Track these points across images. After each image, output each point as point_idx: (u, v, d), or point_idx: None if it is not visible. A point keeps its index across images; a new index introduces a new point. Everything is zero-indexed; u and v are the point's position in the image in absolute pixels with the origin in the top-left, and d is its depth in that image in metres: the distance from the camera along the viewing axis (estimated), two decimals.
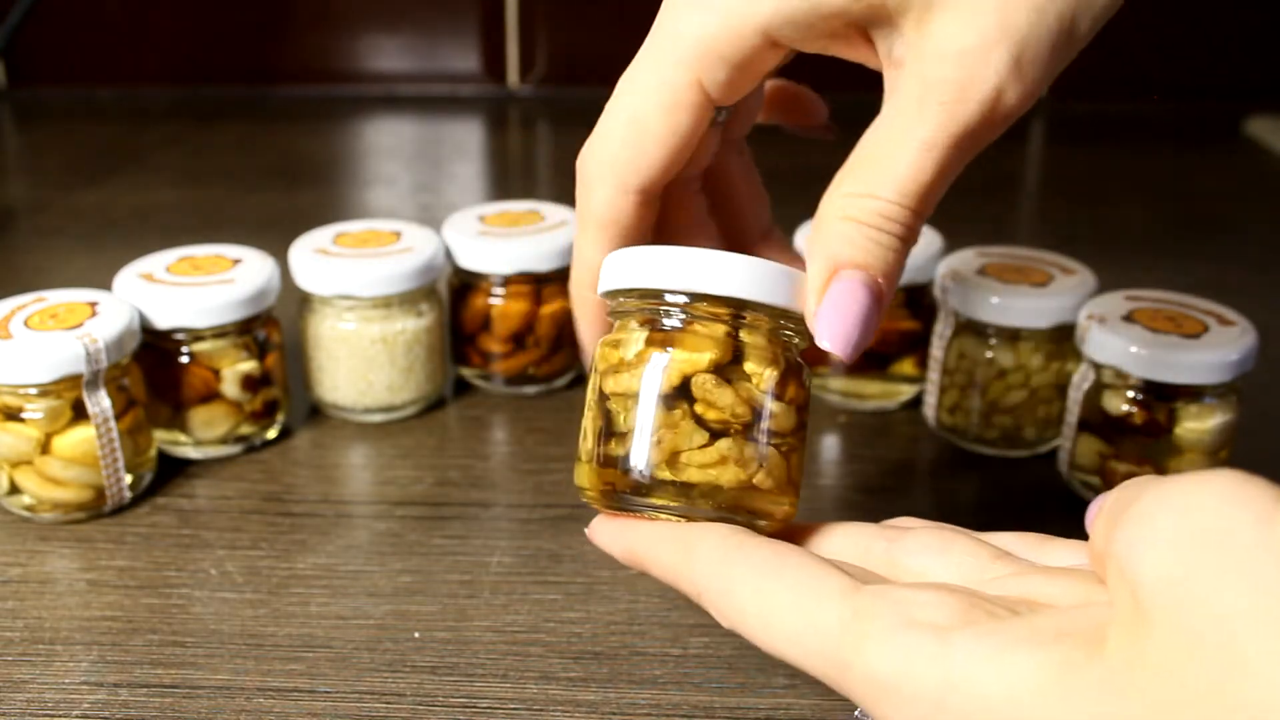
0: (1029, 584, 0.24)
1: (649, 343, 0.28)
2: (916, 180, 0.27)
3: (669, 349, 0.27)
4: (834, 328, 0.27)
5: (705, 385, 0.27)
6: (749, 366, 0.27)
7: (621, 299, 0.29)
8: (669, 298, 0.28)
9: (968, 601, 0.22)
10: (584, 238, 0.32)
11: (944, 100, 0.26)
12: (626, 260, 0.29)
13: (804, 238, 0.50)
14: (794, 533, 0.29)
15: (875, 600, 0.23)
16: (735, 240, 0.36)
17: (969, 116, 0.26)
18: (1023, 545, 0.27)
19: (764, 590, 0.24)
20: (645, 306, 0.28)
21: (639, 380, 0.28)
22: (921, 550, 0.27)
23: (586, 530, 0.29)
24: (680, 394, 0.27)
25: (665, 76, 0.28)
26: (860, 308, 0.27)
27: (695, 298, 0.28)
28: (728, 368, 0.27)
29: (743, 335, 0.28)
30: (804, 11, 0.27)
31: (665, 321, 0.28)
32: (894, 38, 0.27)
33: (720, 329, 0.28)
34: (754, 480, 0.27)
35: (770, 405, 0.27)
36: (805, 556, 0.25)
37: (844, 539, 0.28)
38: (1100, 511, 0.23)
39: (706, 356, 0.27)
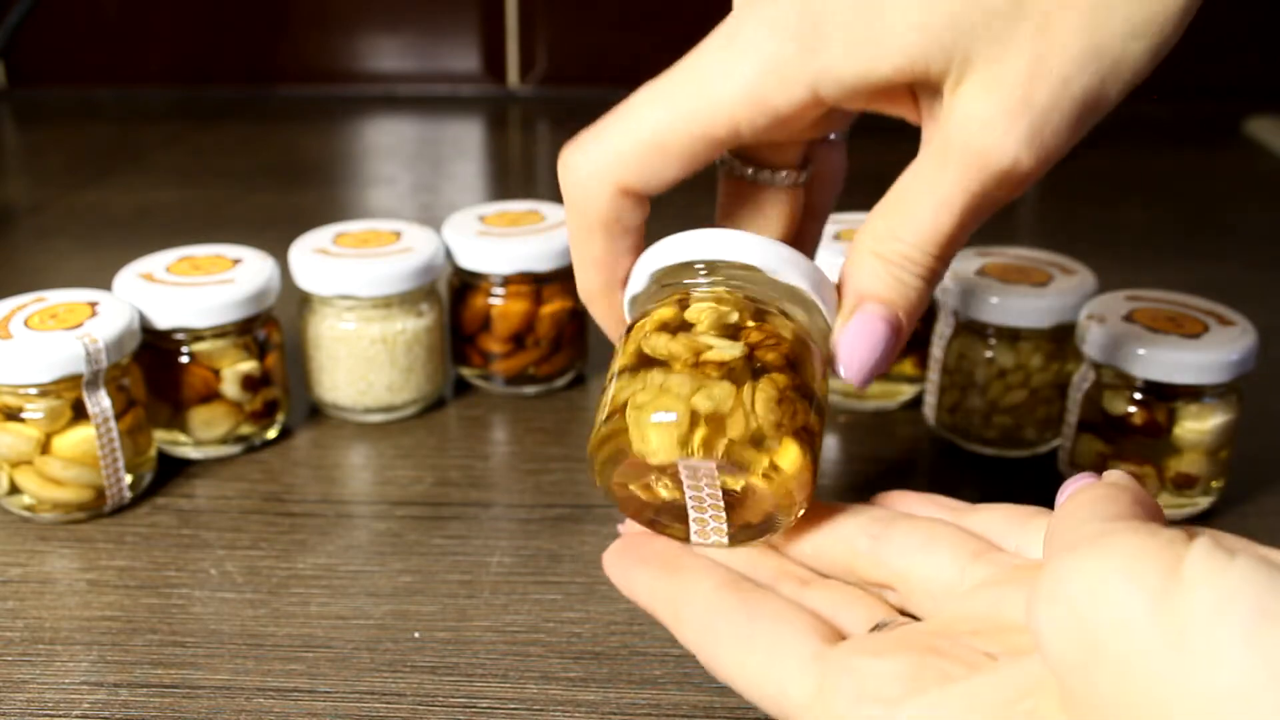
0: (998, 599, 0.26)
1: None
2: (935, 232, 0.29)
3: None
4: (853, 357, 0.30)
5: (647, 337, 0.29)
6: (688, 314, 0.29)
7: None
8: (651, 287, 0.31)
9: (920, 664, 0.24)
10: (588, 240, 0.31)
11: (965, 165, 0.28)
12: (635, 269, 0.32)
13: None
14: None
15: (836, 673, 0.25)
16: None
17: (986, 181, 0.28)
18: (1005, 524, 0.29)
19: (741, 660, 0.27)
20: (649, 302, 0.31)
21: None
22: (905, 549, 0.28)
23: (603, 556, 0.31)
24: (644, 361, 0.29)
25: (701, 108, 0.28)
26: (878, 339, 0.29)
27: (663, 278, 0.31)
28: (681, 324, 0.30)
29: (694, 295, 0.30)
30: (854, 75, 0.27)
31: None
32: (934, 98, 0.29)
33: (675, 296, 0.30)
34: (696, 406, 0.27)
35: (712, 342, 0.29)
36: (780, 615, 0.27)
37: (832, 531, 0.30)
38: (1047, 532, 0.24)
39: (653, 316, 0.30)
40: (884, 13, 0.27)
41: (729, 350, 0.28)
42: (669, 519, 0.30)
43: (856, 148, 0.36)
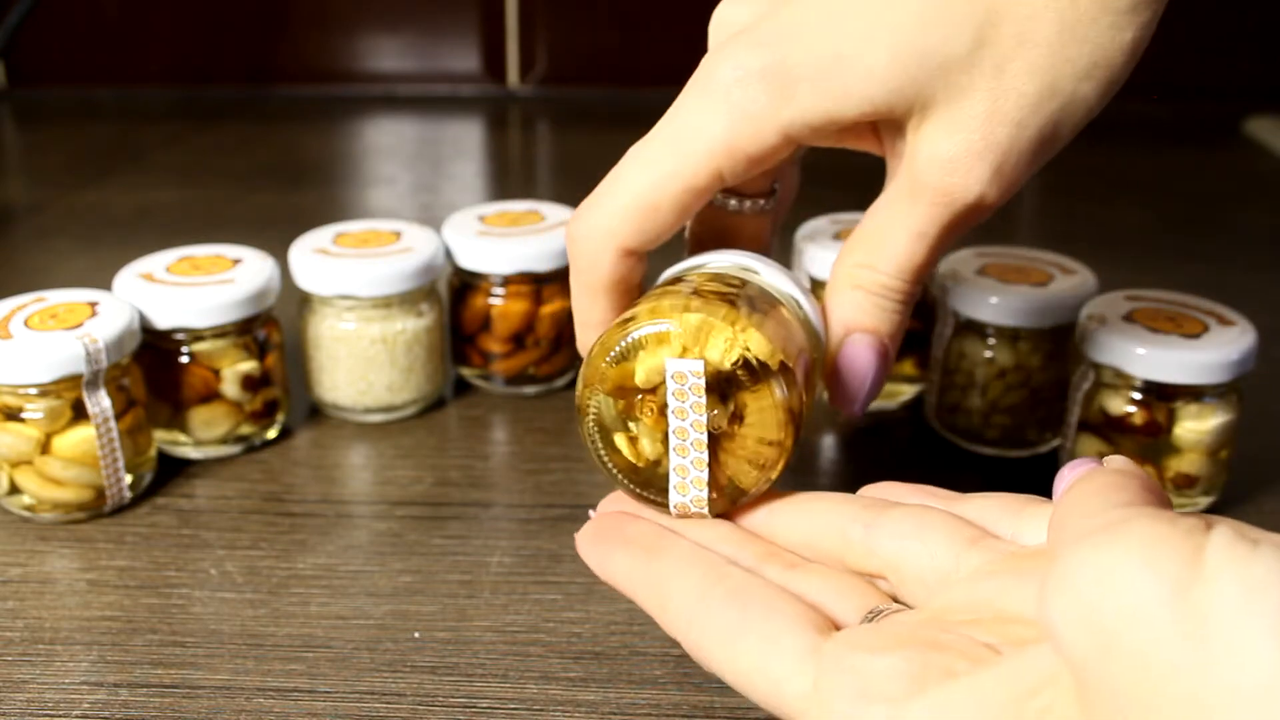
0: (998, 588, 0.25)
1: None
2: (910, 261, 0.31)
3: None
4: (846, 385, 0.32)
5: (645, 298, 0.31)
6: (688, 277, 0.32)
7: None
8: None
9: (922, 660, 0.23)
10: (591, 301, 0.33)
11: (934, 203, 0.30)
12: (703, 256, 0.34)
13: (802, 236, 0.50)
14: (774, 503, 0.30)
15: (834, 669, 0.24)
16: None
17: (954, 214, 0.30)
18: (999, 512, 0.28)
19: (732, 654, 0.26)
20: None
21: None
22: (898, 536, 0.28)
23: (576, 536, 0.31)
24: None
25: (685, 164, 0.31)
26: (868, 366, 0.32)
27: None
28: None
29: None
30: (821, 119, 0.30)
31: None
32: (897, 136, 0.31)
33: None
34: (689, 318, 0.28)
35: (711, 285, 0.31)
36: (772, 605, 0.26)
37: (821, 518, 0.29)
38: (1051, 521, 0.24)
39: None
40: (850, 61, 0.29)
41: (728, 287, 0.30)
42: (654, 492, 0.30)
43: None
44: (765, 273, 0.32)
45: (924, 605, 0.27)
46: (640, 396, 0.29)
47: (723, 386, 0.28)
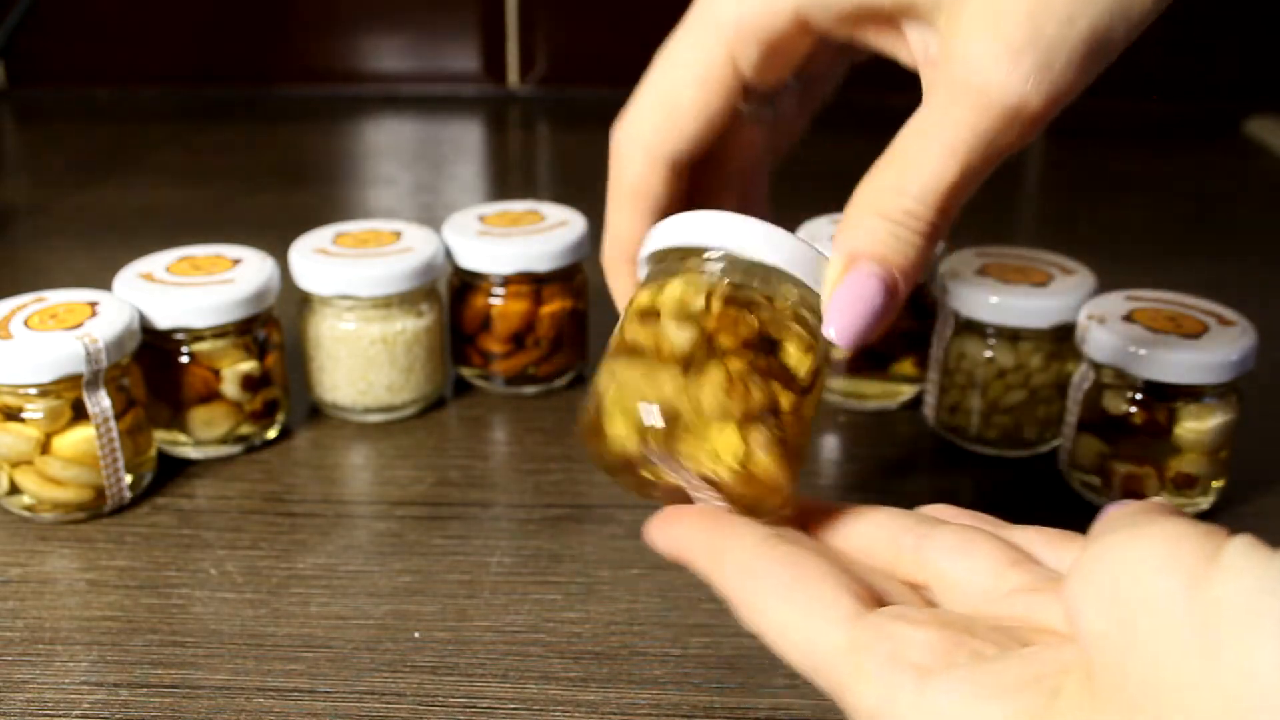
0: (1034, 603, 0.25)
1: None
2: (941, 182, 0.27)
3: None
4: (842, 317, 0.28)
5: (629, 322, 0.30)
6: (659, 300, 0.29)
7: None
8: (649, 265, 0.31)
9: (955, 639, 0.24)
10: (616, 210, 0.32)
11: (971, 105, 0.26)
12: (665, 228, 0.30)
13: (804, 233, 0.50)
14: (832, 513, 0.30)
15: (871, 633, 0.24)
16: None
17: (993, 121, 0.27)
18: (1044, 543, 0.28)
19: (780, 607, 0.26)
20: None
21: None
22: (946, 550, 0.28)
23: (644, 527, 0.30)
24: (620, 348, 0.30)
25: (700, 53, 0.30)
26: (870, 298, 0.28)
27: (655, 259, 0.30)
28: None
29: (670, 281, 0.30)
30: None
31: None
32: (928, 34, 0.28)
33: (659, 281, 0.30)
34: (642, 406, 0.28)
35: (669, 331, 0.28)
36: (823, 571, 0.26)
37: (877, 528, 0.29)
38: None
39: (636, 301, 0.30)
40: None
41: (679, 337, 0.29)
42: (682, 497, 0.30)
43: (840, 141, 0.36)
44: (749, 247, 0.29)
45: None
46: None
47: (682, 460, 0.28)
